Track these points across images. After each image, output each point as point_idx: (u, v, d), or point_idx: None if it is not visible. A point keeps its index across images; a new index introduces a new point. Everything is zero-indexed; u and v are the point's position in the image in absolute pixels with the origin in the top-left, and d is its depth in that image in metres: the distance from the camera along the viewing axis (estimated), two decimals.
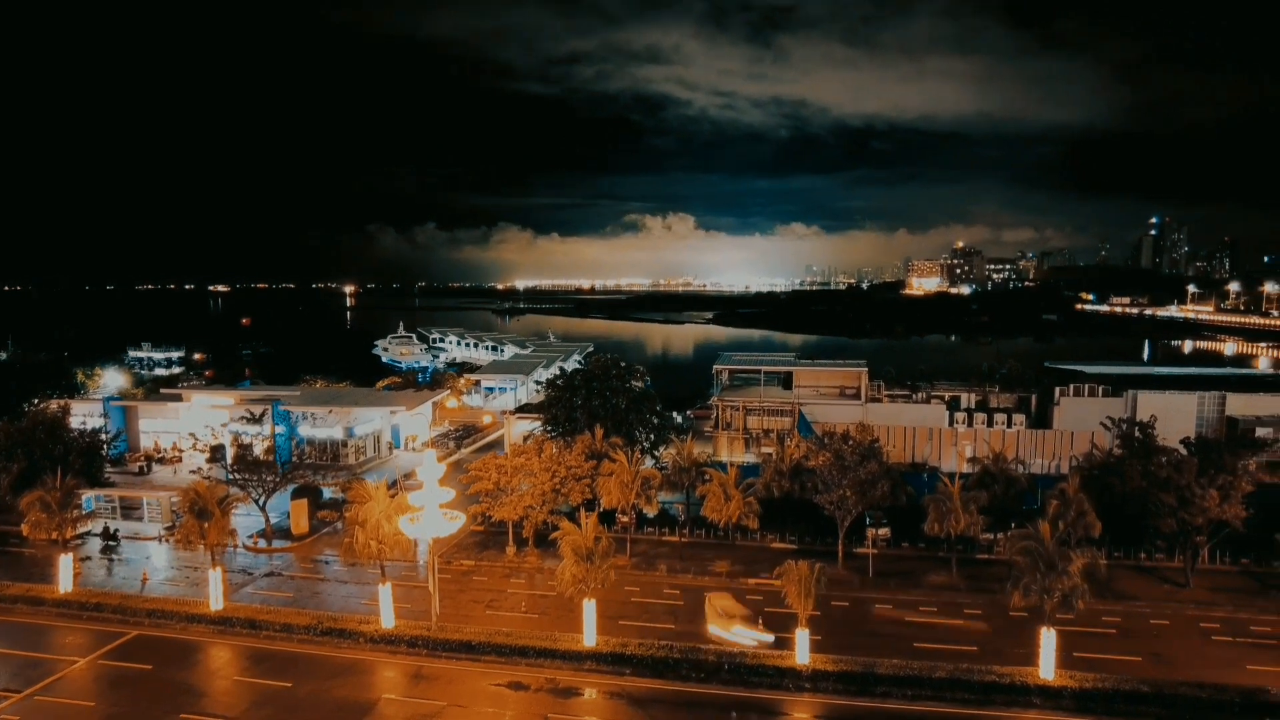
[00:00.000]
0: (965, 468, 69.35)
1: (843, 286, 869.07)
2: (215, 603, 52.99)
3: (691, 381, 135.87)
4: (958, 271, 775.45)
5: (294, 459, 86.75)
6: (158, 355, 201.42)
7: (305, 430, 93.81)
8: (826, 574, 44.97)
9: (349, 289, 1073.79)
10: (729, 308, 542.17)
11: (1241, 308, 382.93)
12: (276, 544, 67.53)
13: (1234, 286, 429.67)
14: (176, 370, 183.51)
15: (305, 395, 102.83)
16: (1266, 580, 55.47)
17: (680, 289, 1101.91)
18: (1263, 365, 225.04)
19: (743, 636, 47.62)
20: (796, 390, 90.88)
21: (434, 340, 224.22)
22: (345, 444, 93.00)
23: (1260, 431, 76.93)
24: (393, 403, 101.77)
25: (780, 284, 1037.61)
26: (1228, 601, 53.24)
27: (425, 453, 55.20)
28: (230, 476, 68.92)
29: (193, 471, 76.20)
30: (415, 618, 50.78)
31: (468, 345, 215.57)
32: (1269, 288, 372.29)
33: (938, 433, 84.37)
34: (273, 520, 69.06)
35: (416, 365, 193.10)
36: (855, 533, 61.91)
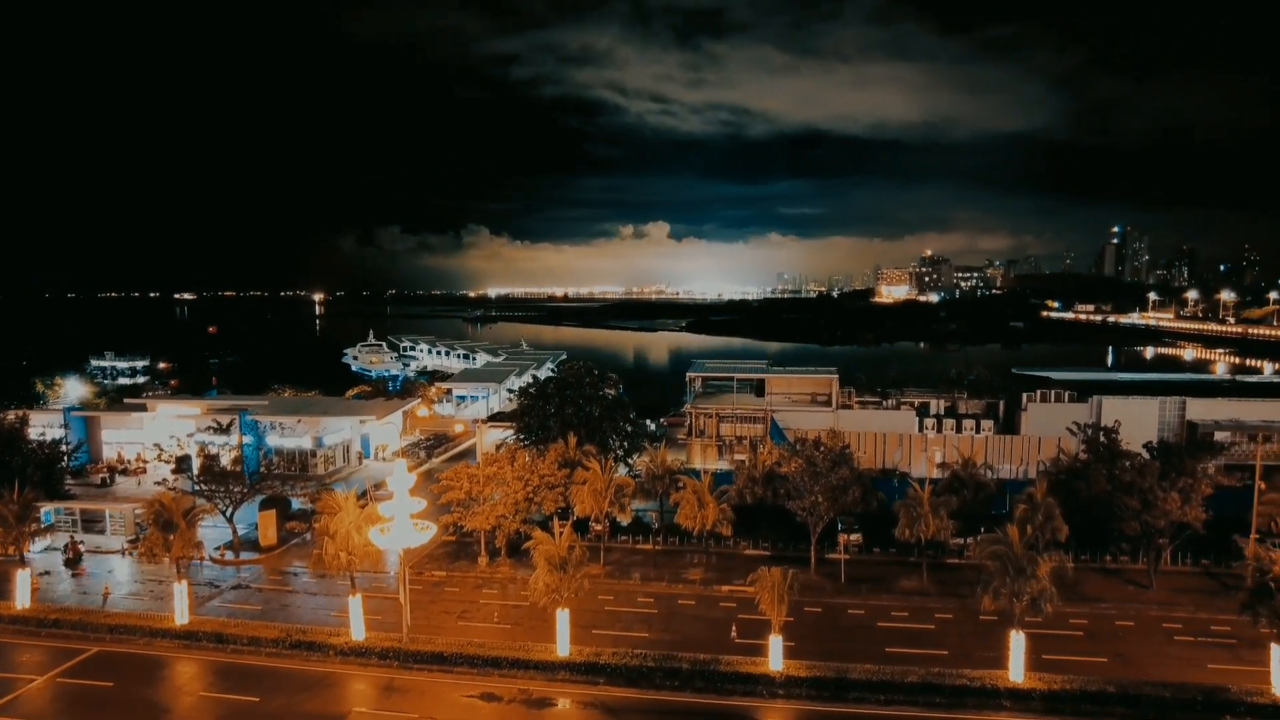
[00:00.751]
0: (935, 473, 70.31)
1: (814, 294, 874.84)
2: (180, 617, 51.97)
3: (665, 389, 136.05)
4: (926, 279, 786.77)
5: (262, 469, 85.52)
6: (121, 364, 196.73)
7: (273, 440, 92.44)
8: (799, 580, 45.32)
9: (318, 297, 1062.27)
10: (702, 315, 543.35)
11: (1199, 315, 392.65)
12: (244, 556, 66.37)
13: (1192, 294, 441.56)
14: (141, 380, 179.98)
15: (273, 405, 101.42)
16: (1226, 581, 56.73)
17: (653, 296, 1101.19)
18: (1220, 371, 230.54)
19: None
20: (769, 397, 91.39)
21: (405, 348, 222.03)
22: (314, 454, 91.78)
23: (1219, 435, 78.69)
24: (362, 412, 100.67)
25: (753, 292, 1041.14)
26: (1189, 602, 54.47)
27: (396, 462, 54.63)
28: (196, 488, 67.75)
29: (158, 483, 74.67)
30: (386, 629, 50.15)
31: (439, 353, 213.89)
32: (1225, 296, 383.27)
33: (908, 439, 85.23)
34: (240, 532, 67.90)
35: (387, 374, 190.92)
36: (827, 538, 62.42)
